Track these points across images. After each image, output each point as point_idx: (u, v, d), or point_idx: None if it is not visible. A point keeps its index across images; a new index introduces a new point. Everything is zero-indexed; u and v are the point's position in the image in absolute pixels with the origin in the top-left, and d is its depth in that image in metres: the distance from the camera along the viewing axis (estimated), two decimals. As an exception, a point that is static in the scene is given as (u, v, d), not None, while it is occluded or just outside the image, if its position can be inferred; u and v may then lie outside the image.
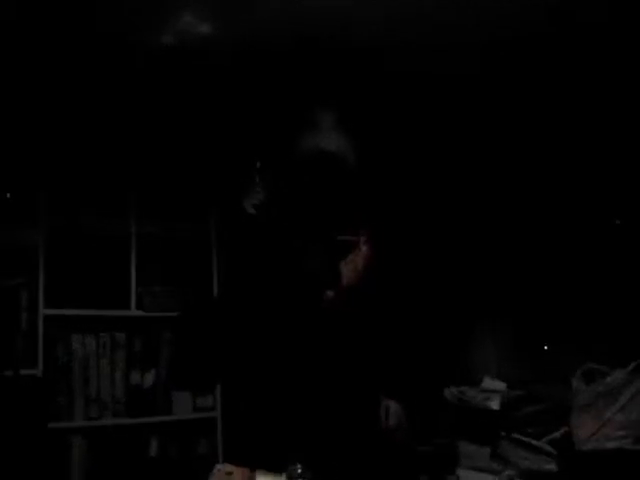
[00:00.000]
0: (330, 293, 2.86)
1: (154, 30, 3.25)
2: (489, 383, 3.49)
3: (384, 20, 3.17)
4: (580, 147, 3.59)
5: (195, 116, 3.86)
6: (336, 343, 2.85)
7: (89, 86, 3.52)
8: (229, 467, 2.50)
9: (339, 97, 3.33)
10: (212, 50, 3.48)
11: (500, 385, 3.45)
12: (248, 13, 3.10)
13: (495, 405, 3.20)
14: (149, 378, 3.91)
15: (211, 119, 3.93)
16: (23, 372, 3.48)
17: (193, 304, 3.99)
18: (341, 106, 3.16)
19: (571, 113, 3.59)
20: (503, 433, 3.01)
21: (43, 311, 3.63)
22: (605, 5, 2.94)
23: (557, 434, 2.91)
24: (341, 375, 2.84)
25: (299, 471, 2.42)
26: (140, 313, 3.90)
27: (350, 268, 2.91)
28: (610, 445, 2.66)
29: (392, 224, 3.13)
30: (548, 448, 2.84)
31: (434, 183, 4.05)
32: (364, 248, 2.91)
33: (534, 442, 2.89)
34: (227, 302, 3.72)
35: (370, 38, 3.33)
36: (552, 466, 2.77)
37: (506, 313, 3.79)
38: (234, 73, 3.63)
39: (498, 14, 3.05)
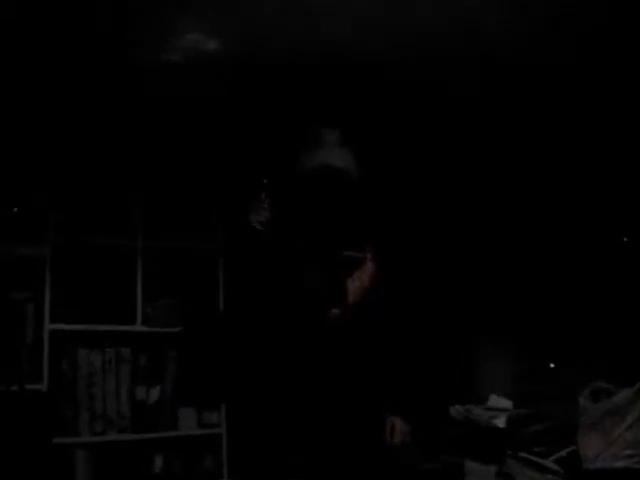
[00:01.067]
0: (336, 310, 2.86)
1: (158, 45, 3.28)
2: (495, 401, 3.47)
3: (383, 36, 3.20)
4: (588, 164, 3.58)
5: (202, 131, 3.87)
6: (341, 360, 2.85)
7: (96, 98, 3.53)
8: (234, 483, 2.50)
9: (343, 113, 3.34)
10: (218, 65, 3.50)
11: (506, 403, 3.44)
12: (251, 30, 3.12)
13: (501, 423, 3.19)
14: (154, 394, 3.90)
15: (218, 135, 3.94)
16: (28, 387, 3.48)
17: (198, 319, 4.00)
18: (345, 122, 3.18)
19: (579, 128, 3.59)
20: (509, 451, 2.99)
21: (49, 326, 3.63)
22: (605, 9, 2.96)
23: (564, 453, 2.89)
24: (346, 392, 2.83)
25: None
26: (145, 328, 3.90)
27: (356, 285, 2.91)
28: (618, 464, 2.64)
29: (398, 240, 3.13)
30: (555, 467, 2.82)
31: (439, 199, 4.05)
32: (370, 265, 2.91)
33: (541, 461, 2.87)
34: (232, 318, 3.73)
35: (369, 53, 3.36)
36: (559, 485, 2.76)
37: (512, 331, 3.77)
38: (241, 88, 3.65)
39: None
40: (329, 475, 2.78)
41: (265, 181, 2.97)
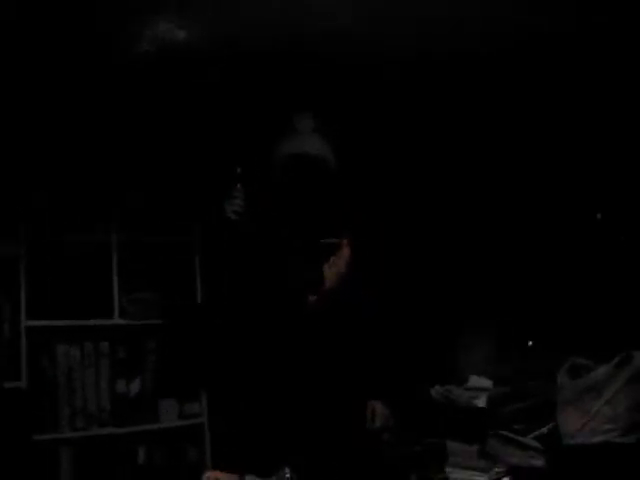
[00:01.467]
0: (313, 297, 2.86)
1: (137, 35, 3.26)
2: (475, 381, 3.49)
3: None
4: (562, 146, 3.60)
5: (176, 122, 3.85)
6: (320, 346, 2.85)
7: (69, 90, 3.50)
8: (217, 474, 2.49)
9: (318, 101, 3.33)
10: (195, 57, 3.49)
11: (486, 383, 3.45)
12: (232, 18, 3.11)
13: (481, 403, 3.20)
14: (134, 386, 3.89)
15: (192, 125, 3.92)
16: (7, 385, 3.46)
17: (177, 311, 3.98)
18: (321, 110, 3.17)
19: (553, 111, 3.61)
20: (490, 431, 3.01)
21: (25, 322, 3.60)
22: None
23: (544, 430, 2.91)
24: (326, 378, 2.84)
25: (287, 475, 2.41)
26: (123, 321, 3.89)
27: (333, 271, 2.91)
28: (597, 439, 2.66)
29: (375, 225, 3.13)
30: (535, 444, 2.84)
31: (417, 182, 4.06)
32: (346, 250, 2.91)
33: (521, 439, 2.89)
34: (211, 308, 3.72)
35: (347, 39, 3.36)
36: (540, 462, 2.77)
37: (490, 311, 3.79)
38: (217, 79, 3.64)
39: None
40: (313, 462, 2.78)
41: (239, 170, 2.95)
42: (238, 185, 2.90)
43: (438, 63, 3.45)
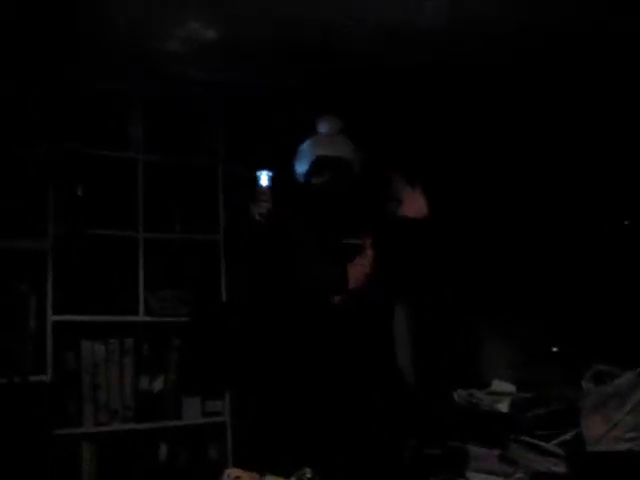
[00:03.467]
0: (337, 297, 2.86)
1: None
2: (498, 385, 3.47)
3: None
4: (589, 150, 3.57)
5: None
6: (344, 346, 2.85)
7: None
8: (238, 472, 2.50)
9: (343, 104, 3.34)
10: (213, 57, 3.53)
11: (509, 387, 3.43)
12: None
13: (504, 407, 3.18)
14: (158, 383, 3.90)
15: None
16: (32, 379, 3.49)
17: (202, 309, 4.00)
18: (345, 112, 3.18)
19: (581, 114, 3.59)
20: (512, 436, 2.99)
21: (52, 317, 3.63)
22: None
23: (567, 436, 2.88)
24: (350, 378, 2.84)
25: (308, 475, 2.41)
26: (148, 318, 3.90)
27: (357, 271, 2.91)
28: (620, 447, 2.64)
29: (398, 226, 3.12)
30: (558, 450, 2.82)
31: (439, 184, 4.05)
32: (370, 250, 2.91)
33: (543, 444, 2.87)
34: (236, 306, 3.73)
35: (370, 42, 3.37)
36: (562, 468, 2.75)
37: (515, 315, 3.77)
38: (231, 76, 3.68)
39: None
40: (334, 462, 2.78)
41: (266, 173, 2.97)
42: (265, 187, 2.92)
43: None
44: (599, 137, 3.53)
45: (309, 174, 3.06)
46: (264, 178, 2.92)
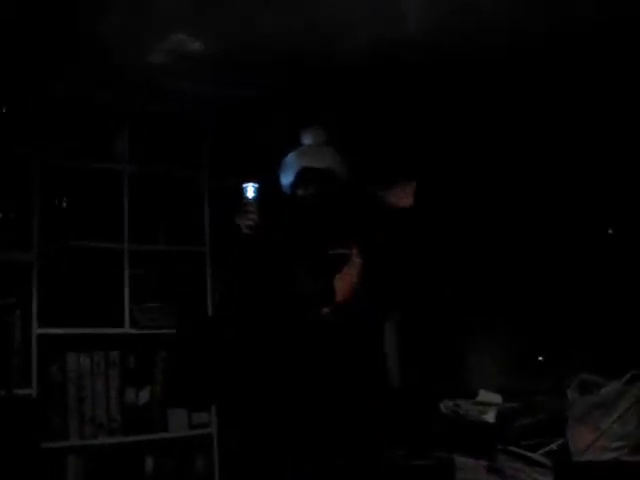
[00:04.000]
0: (326, 309, 2.86)
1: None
2: (484, 395, 3.48)
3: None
4: (576, 158, 3.59)
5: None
6: (334, 357, 2.84)
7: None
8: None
9: (327, 115, 3.35)
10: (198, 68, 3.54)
11: (496, 397, 3.44)
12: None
13: (491, 418, 3.20)
14: (144, 396, 3.89)
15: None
16: (17, 392, 3.46)
17: (188, 322, 3.99)
18: (329, 123, 3.18)
19: (566, 122, 3.60)
20: (499, 446, 3.00)
21: (37, 330, 3.61)
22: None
23: (553, 446, 2.90)
24: (340, 390, 2.83)
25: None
26: (134, 331, 3.89)
27: (344, 282, 2.91)
28: (607, 456, 2.66)
29: (385, 235, 3.12)
30: (544, 460, 2.83)
31: (428, 191, 4.06)
32: (356, 261, 2.91)
33: (530, 455, 2.88)
34: (222, 319, 3.72)
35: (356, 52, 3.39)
36: (548, 478, 2.77)
37: (501, 325, 3.78)
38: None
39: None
40: (321, 473, 2.78)
41: (250, 184, 2.96)
42: (251, 200, 2.91)
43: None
44: (585, 148, 3.55)
45: (294, 186, 3.07)
46: (250, 190, 2.90)
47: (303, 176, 3.05)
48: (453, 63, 3.53)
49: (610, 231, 3.47)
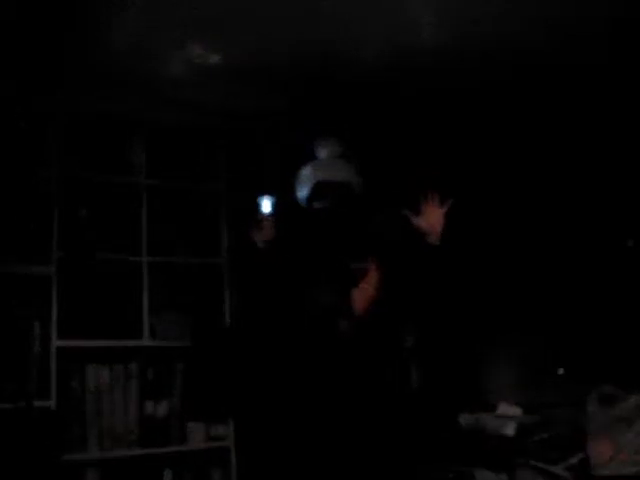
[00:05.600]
0: (344, 322, 2.85)
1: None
2: (504, 409, 3.46)
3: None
4: (596, 171, 3.58)
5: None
6: (353, 371, 2.84)
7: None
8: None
9: (345, 128, 3.36)
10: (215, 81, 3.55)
11: (515, 411, 3.42)
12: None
13: (511, 431, 3.18)
14: (162, 408, 3.89)
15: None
16: (36, 404, 3.47)
17: (206, 334, 3.99)
18: (347, 136, 3.19)
19: (587, 135, 3.59)
20: (519, 459, 2.98)
21: (56, 342, 3.62)
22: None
23: (574, 459, 2.87)
24: (359, 403, 2.83)
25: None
26: (153, 343, 3.89)
27: (362, 295, 2.91)
28: (627, 470, 2.63)
29: (402, 249, 3.12)
30: (565, 474, 2.81)
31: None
32: (374, 274, 2.90)
33: (551, 468, 2.86)
34: (240, 332, 3.72)
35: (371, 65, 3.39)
36: (569, 492, 2.74)
37: (520, 338, 3.76)
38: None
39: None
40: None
41: (268, 199, 2.96)
42: (267, 214, 2.91)
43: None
44: (605, 160, 3.53)
45: (310, 199, 3.07)
46: (266, 204, 2.90)
47: (319, 189, 3.05)
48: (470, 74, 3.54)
49: (630, 243, 3.44)
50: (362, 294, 2.91)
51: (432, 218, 2.97)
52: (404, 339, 3.30)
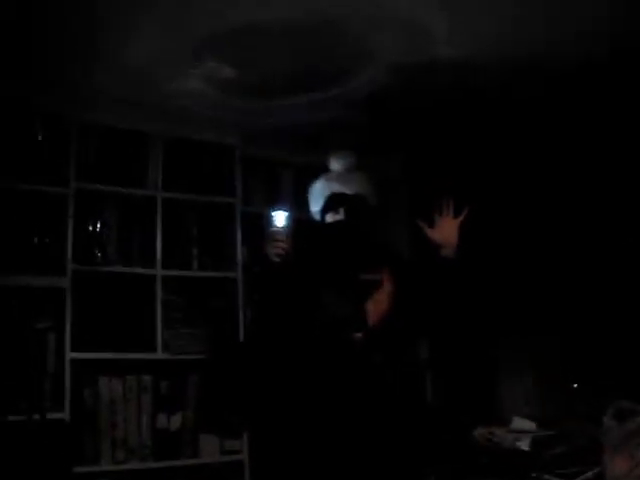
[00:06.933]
0: (358, 334, 2.85)
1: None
2: (519, 423, 3.44)
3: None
4: (607, 172, 3.57)
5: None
6: (365, 383, 2.83)
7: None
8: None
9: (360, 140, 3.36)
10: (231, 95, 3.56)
11: (530, 425, 3.40)
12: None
13: (525, 446, 3.15)
14: (176, 421, 3.89)
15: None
16: (50, 416, 3.48)
17: (220, 347, 3.99)
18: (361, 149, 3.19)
19: (591, 137, 3.59)
20: (534, 474, 2.95)
21: (70, 355, 3.63)
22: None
23: (590, 474, 2.84)
24: (374, 416, 2.81)
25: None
26: (166, 356, 3.90)
27: (376, 307, 2.90)
28: (644, 486, 2.59)
29: (415, 260, 3.11)
30: (581, 489, 2.78)
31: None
32: (388, 286, 2.89)
33: (566, 484, 2.83)
34: (255, 346, 3.72)
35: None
36: (585, 508, 2.71)
37: (535, 352, 3.73)
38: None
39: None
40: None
41: (282, 212, 2.95)
42: (281, 228, 2.90)
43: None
44: (612, 162, 3.52)
45: (324, 211, 3.07)
46: (279, 218, 2.89)
47: (332, 202, 3.05)
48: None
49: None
50: (376, 306, 2.90)
51: (446, 230, 2.96)
52: (419, 352, 3.28)
